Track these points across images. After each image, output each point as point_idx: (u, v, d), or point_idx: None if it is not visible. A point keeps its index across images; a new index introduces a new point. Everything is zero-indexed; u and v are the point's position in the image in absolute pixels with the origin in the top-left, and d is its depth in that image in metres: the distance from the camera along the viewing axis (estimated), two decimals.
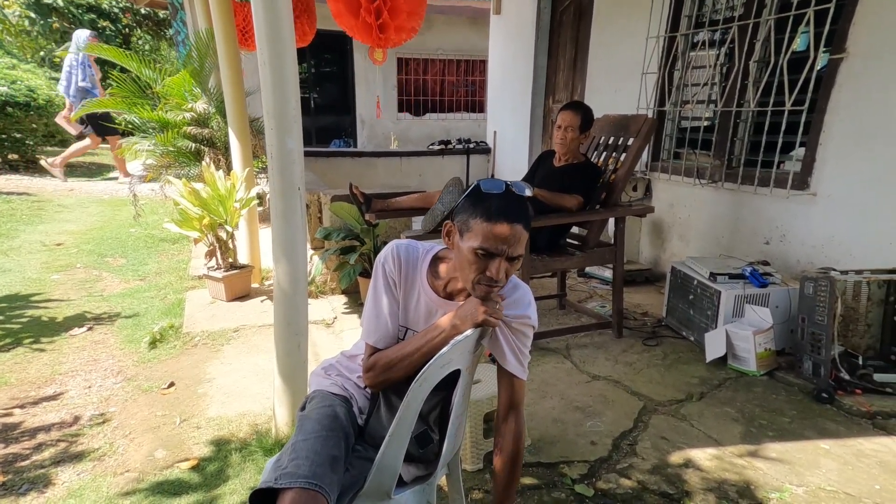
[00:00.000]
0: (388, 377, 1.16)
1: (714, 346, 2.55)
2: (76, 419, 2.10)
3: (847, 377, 2.25)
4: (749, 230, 3.17)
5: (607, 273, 3.62)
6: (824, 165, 2.73)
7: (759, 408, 2.18)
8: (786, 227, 2.96)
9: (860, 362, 2.31)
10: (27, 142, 8.12)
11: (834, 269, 2.39)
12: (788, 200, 2.89)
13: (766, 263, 2.84)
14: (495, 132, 6.12)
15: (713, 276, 2.66)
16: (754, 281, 2.60)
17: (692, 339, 2.78)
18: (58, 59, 12.20)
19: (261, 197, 4.45)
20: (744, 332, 2.45)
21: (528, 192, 1.09)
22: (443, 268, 1.19)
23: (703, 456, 1.87)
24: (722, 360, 2.53)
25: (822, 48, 2.63)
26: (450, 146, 6.40)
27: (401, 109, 9.38)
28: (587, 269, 3.84)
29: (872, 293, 2.34)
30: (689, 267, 2.86)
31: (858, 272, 2.36)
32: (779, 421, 2.08)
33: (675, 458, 1.86)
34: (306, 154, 1.81)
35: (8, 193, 6.39)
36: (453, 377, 1.14)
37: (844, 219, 2.66)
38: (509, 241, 1.04)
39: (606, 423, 2.06)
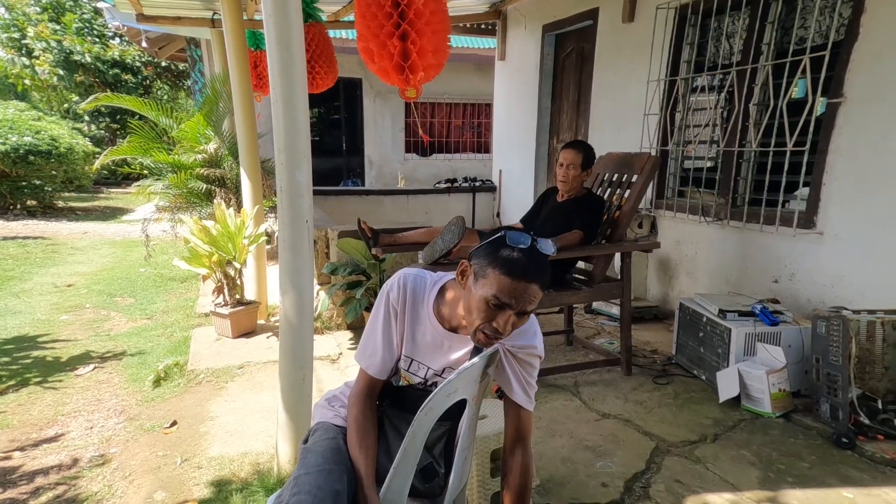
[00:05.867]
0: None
1: (727, 385, 2.49)
2: (75, 461, 2.06)
3: (867, 422, 2.17)
4: (757, 268, 3.15)
5: (615, 309, 3.59)
6: (829, 205, 2.74)
7: (777, 451, 2.10)
8: (794, 265, 2.94)
9: (880, 406, 2.23)
10: (46, 188, 8.39)
11: (846, 309, 2.35)
12: (795, 239, 2.89)
13: (775, 301, 2.80)
14: (501, 171, 6.24)
15: (722, 313, 2.63)
16: (765, 319, 2.56)
17: (703, 377, 2.72)
18: (80, 111, 12.79)
19: (269, 234, 4.52)
20: (757, 372, 2.39)
21: (552, 251, 1.06)
22: (450, 299, 1.18)
23: (719, 501, 1.79)
24: (735, 401, 2.46)
25: (819, 94, 2.69)
26: (456, 184, 6.51)
27: (408, 150, 9.64)
28: (594, 306, 3.81)
29: (888, 335, 2.27)
30: (697, 304, 2.83)
31: (871, 312, 2.31)
32: (798, 466, 2.00)
33: (691, 502, 1.78)
34: (315, 193, 1.86)
35: (24, 238, 6.55)
36: (458, 408, 1.12)
37: (853, 258, 2.64)
38: (524, 298, 1.02)
39: (618, 464, 1.99)
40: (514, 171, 5.93)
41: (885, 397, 2.28)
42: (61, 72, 12.25)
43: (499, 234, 1.07)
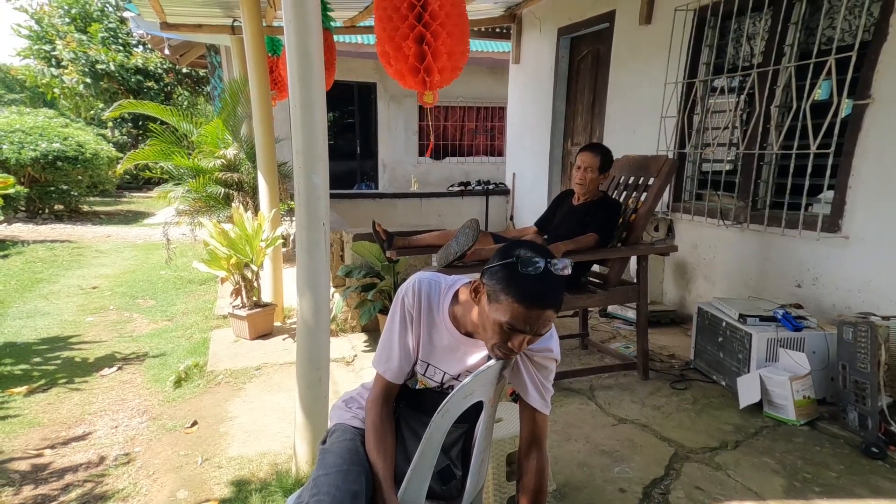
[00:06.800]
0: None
1: (747, 391, 2.44)
2: (102, 459, 2.11)
3: None
4: (778, 272, 3.09)
5: (630, 313, 3.55)
6: (855, 208, 2.68)
7: (802, 460, 2.05)
8: (818, 270, 2.88)
9: None
10: (72, 193, 8.64)
11: (874, 315, 2.29)
12: (819, 243, 2.82)
13: (798, 306, 2.74)
14: (514, 174, 6.22)
15: (743, 317, 2.58)
16: (787, 324, 2.51)
17: (723, 383, 2.67)
18: (105, 118, 13.14)
19: (284, 238, 4.57)
20: (779, 378, 2.33)
21: (567, 271, 1.03)
22: (465, 304, 1.17)
23: None
24: (757, 407, 2.41)
25: (845, 96, 2.63)
26: (469, 187, 6.51)
27: (421, 154, 9.69)
28: (610, 310, 3.77)
29: None
30: (716, 308, 2.78)
31: None
32: (825, 475, 1.95)
33: None
34: (331, 196, 1.88)
35: (52, 241, 6.75)
36: (475, 411, 1.12)
37: (881, 262, 2.57)
38: (538, 323, 1.01)
39: (635, 470, 1.97)
40: (528, 175, 5.91)
41: None
42: (88, 80, 12.61)
43: (510, 258, 1.02)
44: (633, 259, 2.79)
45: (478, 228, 2.32)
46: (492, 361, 1.07)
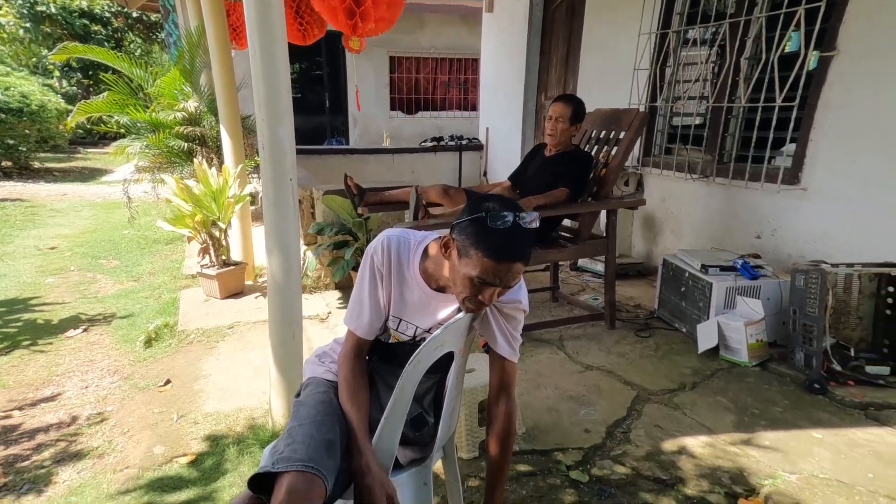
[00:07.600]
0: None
1: (706, 337, 2.57)
2: (74, 419, 2.10)
3: (839, 368, 2.27)
4: (741, 224, 3.20)
5: (599, 267, 3.65)
6: (815, 161, 2.76)
7: (752, 398, 2.20)
8: (777, 221, 2.99)
9: (852, 354, 2.33)
10: (20, 148, 8.10)
11: (825, 262, 2.42)
12: (779, 195, 2.92)
13: (757, 256, 2.86)
14: (487, 128, 6.14)
15: (704, 268, 2.69)
16: (745, 273, 2.63)
17: (684, 330, 2.81)
18: (49, 65, 12.18)
19: (253, 196, 4.45)
20: (735, 324, 2.47)
21: (535, 224, 1.05)
22: (435, 258, 1.18)
23: (696, 443, 1.89)
24: (714, 351, 2.55)
25: (812, 48, 2.65)
26: (442, 143, 6.41)
27: (393, 108, 9.40)
28: (580, 263, 3.86)
29: (864, 286, 2.36)
30: (680, 259, 2.88)
31: (849, 265, 2.38)
32: (771, 410, 2.11)
33: (669, 445, 1.88)
34: (299, 152, 1.82)
35: (2, 200, 6.38)
36: (447, 361, 1.15)
37: (836, 214, 2.68)
38: (508, 276, 1.03)
39: (600, 412, 2.08)
40: (502, 129, 5.84)
41: (857, 345, 2.38)
42: (27, 24, 11.57)
43: (479, 212, 1.03)
44: (603, 213, 2.83)
45: (417, 195, 2.39)
46: (461, 314, 1.09)
